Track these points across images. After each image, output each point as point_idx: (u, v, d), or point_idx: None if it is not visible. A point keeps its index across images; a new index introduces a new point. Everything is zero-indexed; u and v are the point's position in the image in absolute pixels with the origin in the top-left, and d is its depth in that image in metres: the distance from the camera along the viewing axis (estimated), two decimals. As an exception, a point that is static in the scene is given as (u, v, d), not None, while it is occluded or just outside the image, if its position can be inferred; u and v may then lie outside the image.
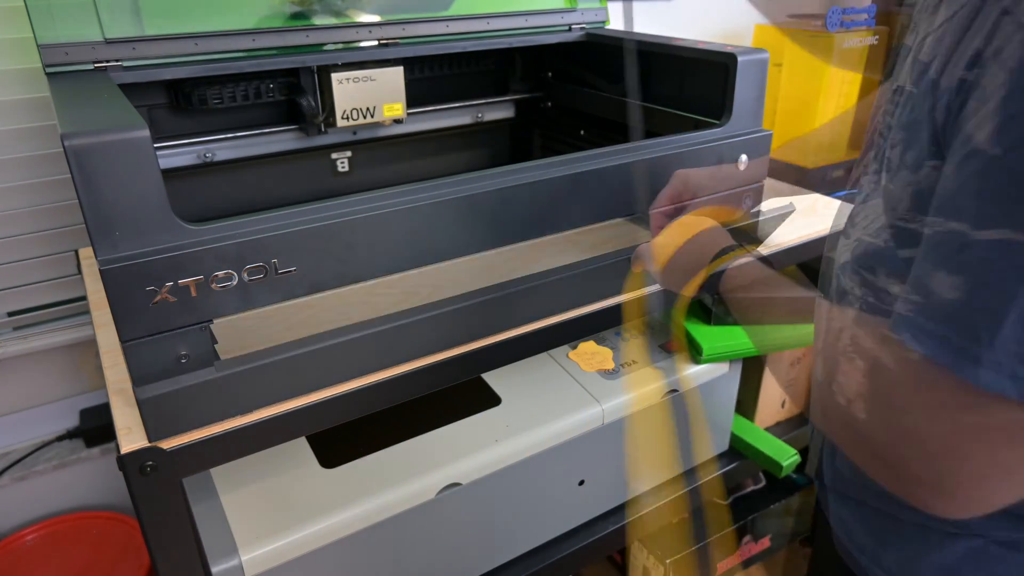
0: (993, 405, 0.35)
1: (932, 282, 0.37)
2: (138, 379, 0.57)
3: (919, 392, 0.37)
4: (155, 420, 0.58)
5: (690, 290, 0.66)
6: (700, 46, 0.87)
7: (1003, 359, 0.33)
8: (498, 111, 1.11)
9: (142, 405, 0.57)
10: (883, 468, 0.41)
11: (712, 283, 0.64)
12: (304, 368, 0.62)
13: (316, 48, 0.87)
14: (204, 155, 0.88)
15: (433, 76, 1.03)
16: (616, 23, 1.17)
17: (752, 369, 1.07)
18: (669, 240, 0.69)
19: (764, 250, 0.92)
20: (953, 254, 0.36)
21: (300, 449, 0.80)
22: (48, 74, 0.72)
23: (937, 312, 0.36)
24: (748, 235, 0.89)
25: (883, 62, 1.55)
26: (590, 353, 0.97)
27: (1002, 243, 0.34)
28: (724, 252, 0.64)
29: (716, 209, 0.75)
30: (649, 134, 0.88)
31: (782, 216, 0.94)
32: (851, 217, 0.56)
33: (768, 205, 0.91)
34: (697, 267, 0.65)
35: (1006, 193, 0.34)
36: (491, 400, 0.88)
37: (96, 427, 1.13)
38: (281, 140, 0.93)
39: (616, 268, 0.79)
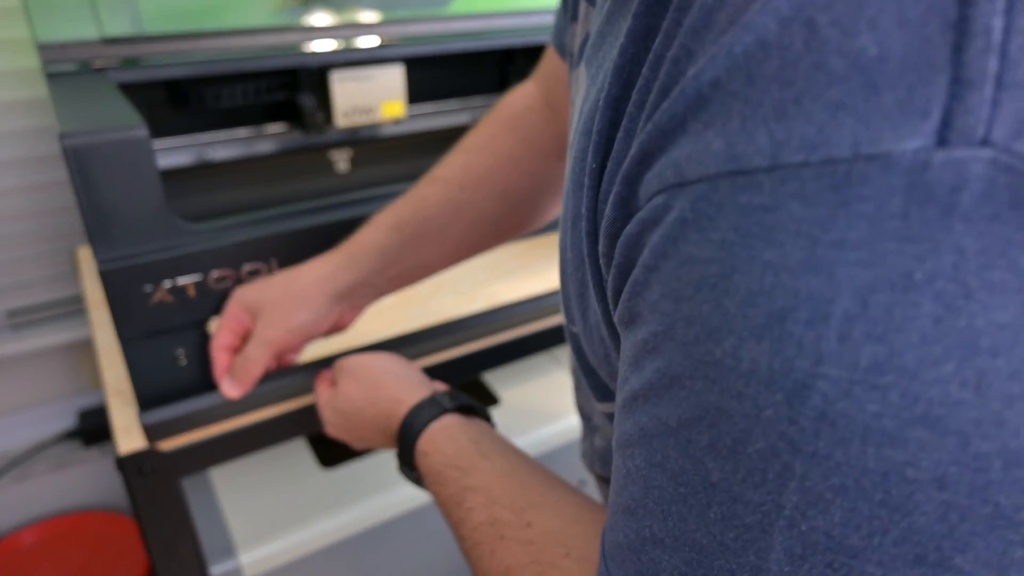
0: None
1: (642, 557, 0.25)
2: (143, 398, 0.57)
3: None
4: (155, 427, 0.58)
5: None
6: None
7: None
8: (498, 111, 1.11)
9: (147, 429, 0.57)
10: None
11: (407, 460, 0.45)
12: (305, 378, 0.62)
13: (316, 48, 0.87)
14: (203, 154, 0.88)
15: (433, 75, 1.03)
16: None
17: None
18: (345, 398, 0.51)
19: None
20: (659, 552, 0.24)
21: (300, 449, 0.79)
22: (47, 74, 0.71)
23: None
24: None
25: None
26: (590, 353, 0.97)
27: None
28: (416, 413, 0.45)
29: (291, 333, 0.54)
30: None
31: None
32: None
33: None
34: (376, 435, 0.49)
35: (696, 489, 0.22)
36: (491, 400, 0.88)
37: (95, 427, 1.12)
38: (280, 139, 0.93)
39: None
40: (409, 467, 0.45)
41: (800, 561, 0.20)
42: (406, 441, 0.45)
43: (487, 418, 0.47)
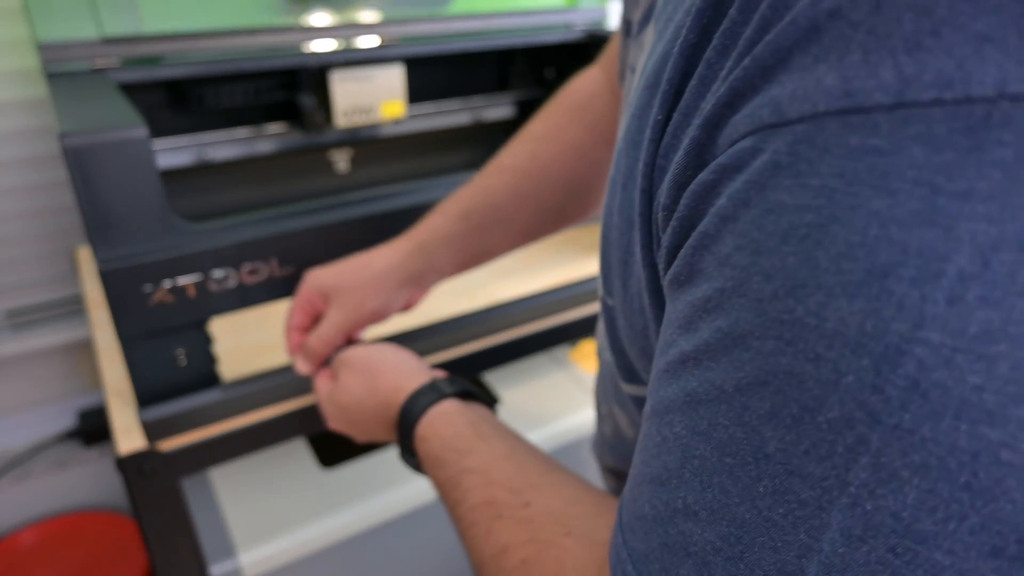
0: None
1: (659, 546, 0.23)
2: (143, 397, 0.57)
3: None
4: (155, 425, 0.58)
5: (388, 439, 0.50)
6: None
7: None
8: (498, 111, 1.11)
9: (147, 426, 0.57)
10: None
11: (407, 446, 0.45)
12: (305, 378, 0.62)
13: (316, 48, 0.87)
14: (203, 154, 0.88)
15: (433, 75, 1.03)
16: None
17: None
18: (345, 391, 0.51)
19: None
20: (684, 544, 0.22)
21: (300, 449, 0.79)
22: (47, 74, 0.71)
23: None
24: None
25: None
26: (590, 353, 0.97)
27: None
28: (415, 399, 0.45)
29: (354, 318, 0.55)
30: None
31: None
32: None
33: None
34: (377, 426, 0.49)
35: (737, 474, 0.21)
36: (491, 400, 0.88)
37: (95, 427, 1.12)
38: (280, 139, 0.93)
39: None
40: (409, 453, 0.45)
41: (859, 543, 0.18)
42: (405, 427, 0.45)
43: (488, 404, 0.47)
